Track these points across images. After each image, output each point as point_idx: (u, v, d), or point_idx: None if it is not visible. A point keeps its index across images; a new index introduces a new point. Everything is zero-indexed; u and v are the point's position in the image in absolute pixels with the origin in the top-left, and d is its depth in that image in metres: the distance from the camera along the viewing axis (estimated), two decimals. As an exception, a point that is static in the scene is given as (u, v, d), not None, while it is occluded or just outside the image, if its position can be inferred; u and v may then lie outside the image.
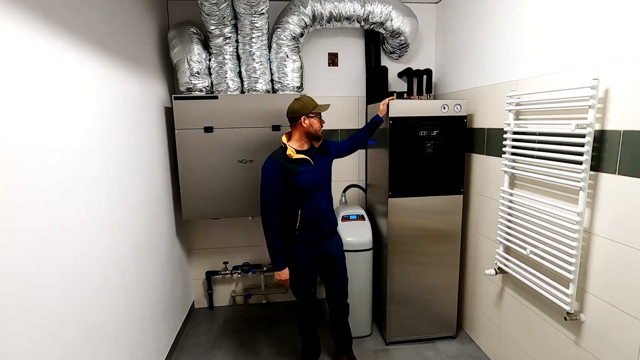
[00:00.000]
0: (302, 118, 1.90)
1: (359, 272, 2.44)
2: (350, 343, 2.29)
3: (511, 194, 1.95)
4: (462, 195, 2.37)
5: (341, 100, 2.86)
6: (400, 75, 2.88)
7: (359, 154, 2.94)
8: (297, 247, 1.99)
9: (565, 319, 1.59)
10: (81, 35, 1.47)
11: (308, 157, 1.93)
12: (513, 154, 1.91)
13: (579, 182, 1.49)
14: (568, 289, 1.57)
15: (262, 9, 2.26)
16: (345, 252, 2.22)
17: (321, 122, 1.97)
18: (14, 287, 1.07)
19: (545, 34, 1.74)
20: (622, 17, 1.36)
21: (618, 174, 1.39)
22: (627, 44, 1.34)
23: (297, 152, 1.92)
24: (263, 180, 1.90)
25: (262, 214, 1.92)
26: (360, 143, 2.25)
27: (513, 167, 1.93)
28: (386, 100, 2.23)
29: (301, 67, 2.54)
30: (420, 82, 2.71)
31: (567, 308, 1.57)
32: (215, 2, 2.16)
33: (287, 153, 1.89)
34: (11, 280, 1.06)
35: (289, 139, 1.97)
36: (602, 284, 1.49)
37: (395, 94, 2.49)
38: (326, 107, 1.97)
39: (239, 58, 2.47)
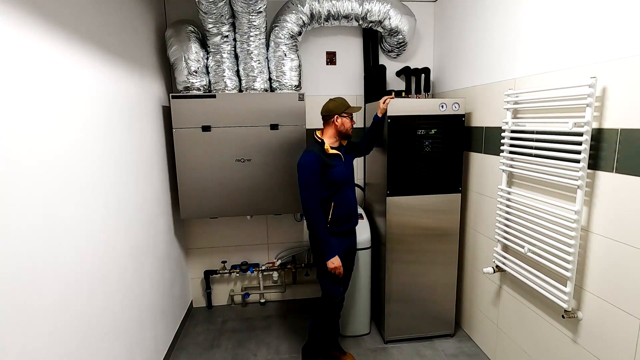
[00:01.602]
0: (335, 117, 1.99)
1: (357, 270, 2.44)
2: (338, 336, 2.40)
3: (509, 193, 1.96)
4: (460, 194, 2.38)
5: (339, 99, 2.86)
6: (398, 74, 2.88)
7: (357, 153, 2.94)
8: (330, 239, 2.01)
9: (563, 316, 1.59)
10: (77, 34, 1.46)
11: (340, 153, 2.03)
12: (511, 152, 1.92)
13: (577, 180, 1.49)
14: (566, 287, 1.58)
15: (260, 8, 2.25)
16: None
17: (352, 122, 2.07)
18: (11, 287, 1.06)
19: (543, 32, 1.74)
20: (620, 15, 1.36)
21: (615, 172, 1.40)
22: (624, 42, 1.34)
23: (332, 147, 2.02)
24: (303, 174, 1.92)
25: (304, 206, 1.93)
26: (371, 146, 2.34)
27: (511, 166, 1.93)
28: (387, 99, 2.22)
29: (299, 66, 2.54)
30: (418, 80, 2.71)
31: (565, 306, 1.58)
32: (212, 0, 2.15)
33: (325, 147, 1.98)
34: (8, 281, 1.05)
35: (321, 136, 2.05)
36: (599, 281, 1.50)
37: (393, 92, 2.49)
38: (358, 108, 2.06)
39: (236, 57, 2.46)
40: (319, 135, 2.04)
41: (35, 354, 1.15)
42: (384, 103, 2.22)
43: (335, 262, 1.97)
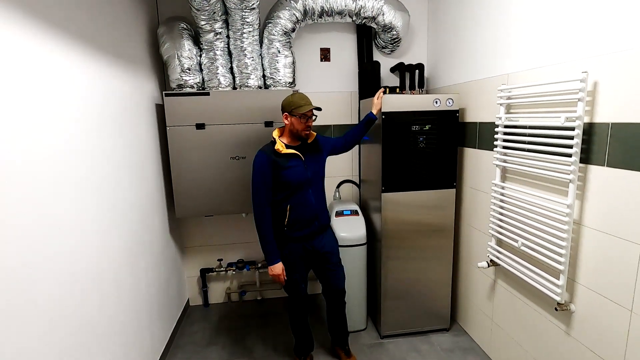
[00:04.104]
0: (285, 115, 1.91)
1: (353, 267, 2.45)
2: (346, 336, 2.30)
3: (503, 187, 1.97)
4: (454, 189, 2.39)
5: (334, 95, 2.86)
6: (392, 70, 2.88)
7: (353, 150, 2.93)
8: (287, 244, 2.00)
9: (556, 309, 1.61)
10: (68, 32, 1.45)
11: (298, 153, 1.93)
12: (504, 147, 1.93)
13: (569, 174, 1.51)
14: (558, 280, 1.59)
15: (253, 4, 2.23)
16: (339, 248, 2.22)
17: (305, 123, 1.89)
18: (4, 288, 1.05)
19: (535, 27, 1.75)
20: (611, 10, 1.37)
21: (607, 166, 1.41)
22: (615, 37, 1.35)
23: (288, 147, 1.93)
24: (253, 173, 1.91)
25: (253, 208, 1.93)
26: (355, 141, 2.24)
27: (504, 161, 1.94)
28: (381, 94, 2.20)
29: (293, 63, 2.53)
30: (412, 76, 2.71)
31: (558, 299, 1.60)
32: (205, -3, 2.13)
33: (276, 147, 1.90)
34: (0, 281, 1.04)
35: (281, 134, 1.98)
36: (591, 274, 1.51)
37: (387, 89, 2.47)
38: (307, 108, 1.86)
39: (230, 54, 2.45)
40: (275, 134, 1.95)
41: (31, 354, 1.14)
42: (377, 98, 2.20)
43: (275, 270, 1.92)
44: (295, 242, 2.00)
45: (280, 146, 1.89)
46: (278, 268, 1.94)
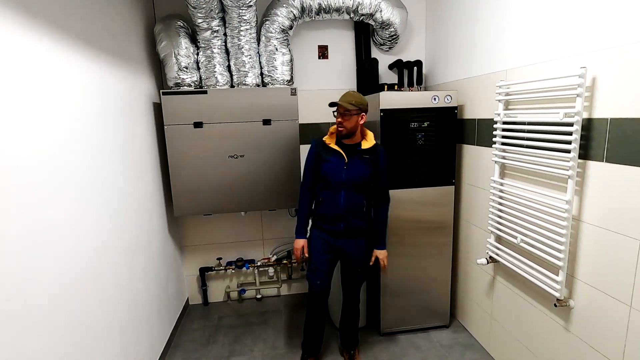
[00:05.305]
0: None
1: (352, 264, 2.45)
2: (353, 342, 2.25)
3: (502, 184, 1.97)
4: (453, 186, 2.39)
5: (332, 93, 2.82)
6: (390, 67, 2.87)
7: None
8: (313, 228, 2.10)
9: (555, 305, 1.62)
10: (64, 30, 1.43)
11: (339, 150, 1.94)
12: (503, 144, 1.93)
13: (568, 170, 1.51)
14: (558, 276, 1.59)
15: (250, 1, 2.22)
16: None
17: (340, 119, 1.88)
18: (3, 288, 1.05)
19: (533, 23, 1.74)
20: (609, 5, 1.36)
21: (605, 162, 1.41)
22: (613, 32, 1.35)
23: (339, 144, 1.96)
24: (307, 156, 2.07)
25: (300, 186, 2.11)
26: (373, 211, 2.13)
27: (503, 157, 1.94)
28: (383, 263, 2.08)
29: (291, 60, 2.52)
30: (410, 73, 2.70)
31: (557, 295, 1.60)
32: (201, -6, 2.12)
33: (324, 138, 2.00)
34: (0, 281, 1.04)
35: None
36: (590, 270, 1.51)
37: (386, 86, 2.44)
38: (337, 104, 1.88)
39: (227, 52, 2.44)
40: (333, 127, 1.98)
41: (30, 354, 1.14)
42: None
43: (296, 244, 2.06)
44: (320, 230, 2.05)
45: (329, 139, 1.98)
46: (298, 243, 2.06)
